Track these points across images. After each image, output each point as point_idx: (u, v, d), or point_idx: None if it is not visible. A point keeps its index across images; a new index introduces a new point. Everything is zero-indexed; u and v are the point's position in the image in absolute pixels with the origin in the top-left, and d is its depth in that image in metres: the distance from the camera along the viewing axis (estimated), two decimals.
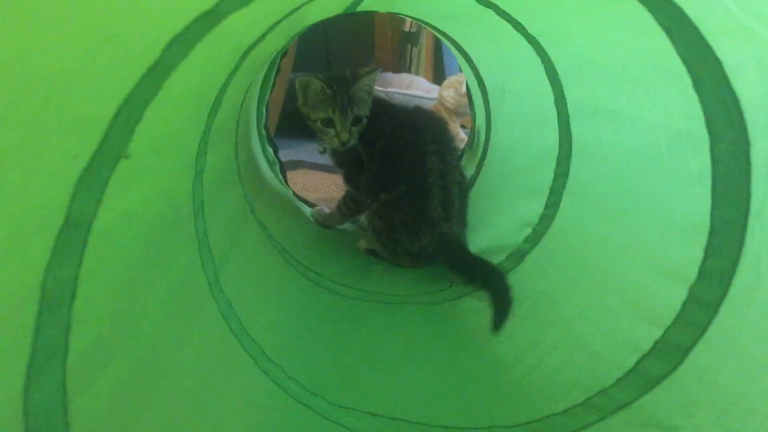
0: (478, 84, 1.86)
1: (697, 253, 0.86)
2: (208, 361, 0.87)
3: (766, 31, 0.69)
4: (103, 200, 0.57)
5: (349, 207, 1.74)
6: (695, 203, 0.86)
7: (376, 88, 2.80)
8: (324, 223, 1.80)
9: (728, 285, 0.81)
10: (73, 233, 0.53)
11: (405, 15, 1.90)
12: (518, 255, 1.38)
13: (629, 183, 1.06)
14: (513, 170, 1.63)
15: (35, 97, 0.46)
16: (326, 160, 1.79)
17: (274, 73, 1.86)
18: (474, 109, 2.10)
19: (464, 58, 1.86)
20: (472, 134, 2.10)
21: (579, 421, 0.92)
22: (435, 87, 3.03)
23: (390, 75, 3.21)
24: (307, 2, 1.07)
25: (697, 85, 0.82)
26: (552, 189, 1.35)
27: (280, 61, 1.85)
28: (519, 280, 1.31)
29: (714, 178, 0.83)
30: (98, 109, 0.55)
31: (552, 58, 1.25)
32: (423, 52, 3.47)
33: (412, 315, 1.29)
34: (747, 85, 0.76)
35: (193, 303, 0.90)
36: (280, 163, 2.01)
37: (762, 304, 0.75)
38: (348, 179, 1.70)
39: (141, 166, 0.65)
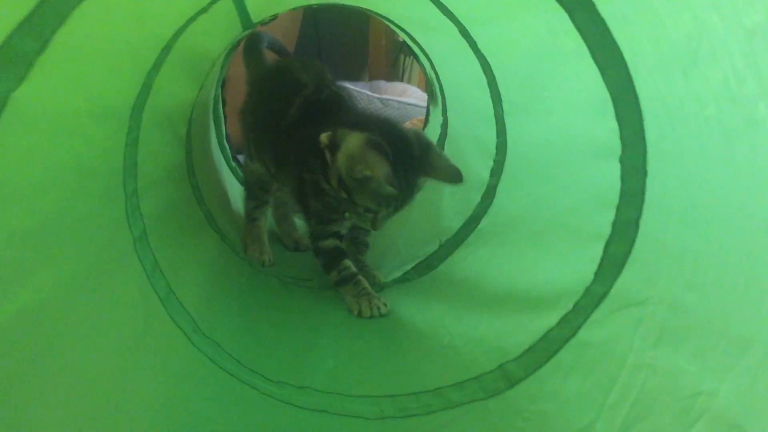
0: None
1: (613, 123, 0.85)
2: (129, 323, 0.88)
3: None
4: None
5: None
6: (590, 79, 0.85)
7: (370, 93, 2.82)
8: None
9: (644, 145, 0.79)
10: None
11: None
12: (490, 191, 1.37)
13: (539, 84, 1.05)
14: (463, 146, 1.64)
15: None
16: None
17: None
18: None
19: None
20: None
21: (571, 328, 0.91)
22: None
23: (383, 83, 3.22)
24: None
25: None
26: (496, 116, 1.34)
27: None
28: (497, 214, 1.32)
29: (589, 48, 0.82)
30: None
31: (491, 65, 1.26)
32: (415, 61, 3.46)
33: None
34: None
35: (116, 259, 0.91)
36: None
37: (674, 155, 0.74)
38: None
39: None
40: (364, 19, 3.09)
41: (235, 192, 1.87)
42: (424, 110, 2.72)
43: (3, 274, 0.61)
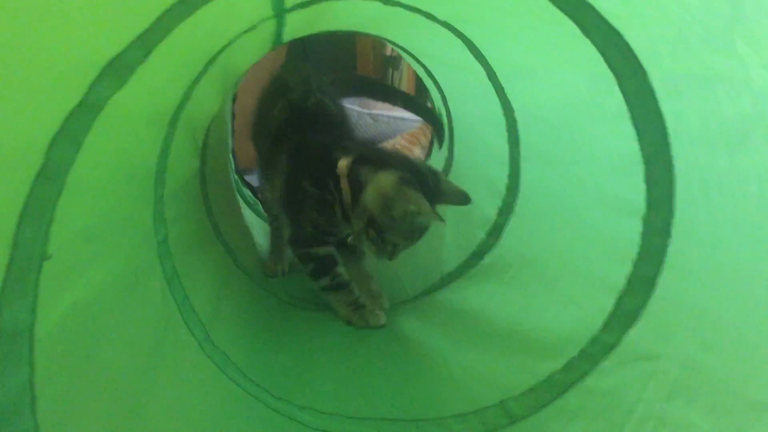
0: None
1: (640, 183, 0.89)
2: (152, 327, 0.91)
3: None
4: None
5: None
6: (624, 139, 0.89)
7: (359, 109, 2.85)
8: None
9: (671, 209, 0.84)
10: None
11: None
12: (497, 229, 1.41)
13: (568, 136, 1.09)
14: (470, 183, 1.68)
15: None
16: None
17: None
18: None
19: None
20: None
21: (577, 373, 0.94)
22: None
23: None
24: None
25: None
26: (510, 159, 1.38)
27: None
28: (503, 253, 1.35)
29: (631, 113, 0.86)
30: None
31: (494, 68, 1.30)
32: (404, 75, 3.49)
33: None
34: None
35: (145, 261, 0.94)
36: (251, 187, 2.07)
37: (702, 221, 0.78)
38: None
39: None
40: (350, 34, 3.13)
41: (247, 212, 1.90)
42: (414, 124, 2.77)
43: (64, 267, 0.63)
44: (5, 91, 0.52)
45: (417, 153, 2.50)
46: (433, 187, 1.20)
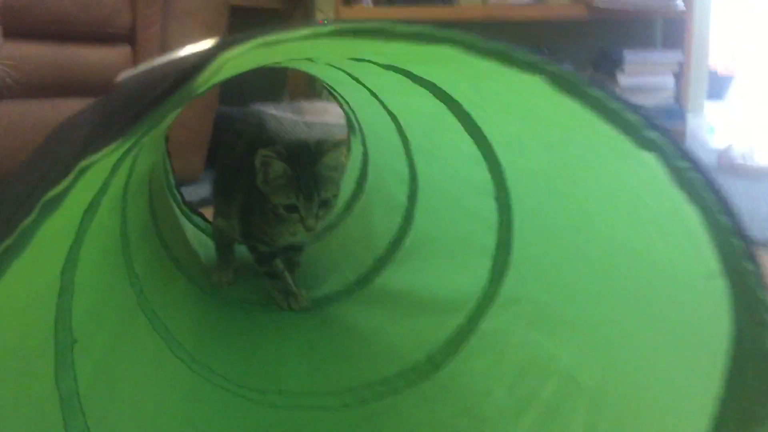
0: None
1: (485, 172, 1.18)
2: (147, 363, 1.15)
3: None
4: None
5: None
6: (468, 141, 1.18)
7: (293, 116, 3.01)
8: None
9: (507, 190, 1.13)
10: None
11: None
12: (409, 213, 1.69)
13: (434, 137, 1.38)
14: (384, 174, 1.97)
15: None
16: None
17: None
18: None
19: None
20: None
21: (475, 322, 1.23)
22: None
23: (305, 103, 3.37)
24: None
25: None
26: (406, 154, 1.66)
27: None
28: (417, 233, 1.65)
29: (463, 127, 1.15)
30: None
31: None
32: None
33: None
34: None
35: (129, 316, 1.17)
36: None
37: (525, 199, 1.08)
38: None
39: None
40: None
41: (190, 232, 2.13)
42: (344, 130, 2.99)
43: (82, 343, 0.89)
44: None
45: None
46: (313, 150, 1.44)
